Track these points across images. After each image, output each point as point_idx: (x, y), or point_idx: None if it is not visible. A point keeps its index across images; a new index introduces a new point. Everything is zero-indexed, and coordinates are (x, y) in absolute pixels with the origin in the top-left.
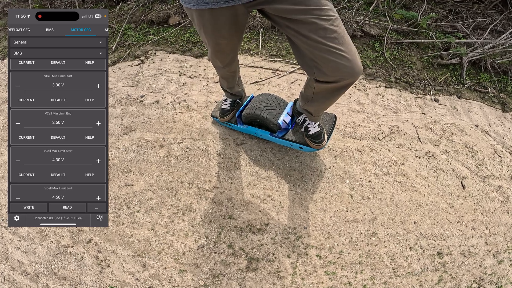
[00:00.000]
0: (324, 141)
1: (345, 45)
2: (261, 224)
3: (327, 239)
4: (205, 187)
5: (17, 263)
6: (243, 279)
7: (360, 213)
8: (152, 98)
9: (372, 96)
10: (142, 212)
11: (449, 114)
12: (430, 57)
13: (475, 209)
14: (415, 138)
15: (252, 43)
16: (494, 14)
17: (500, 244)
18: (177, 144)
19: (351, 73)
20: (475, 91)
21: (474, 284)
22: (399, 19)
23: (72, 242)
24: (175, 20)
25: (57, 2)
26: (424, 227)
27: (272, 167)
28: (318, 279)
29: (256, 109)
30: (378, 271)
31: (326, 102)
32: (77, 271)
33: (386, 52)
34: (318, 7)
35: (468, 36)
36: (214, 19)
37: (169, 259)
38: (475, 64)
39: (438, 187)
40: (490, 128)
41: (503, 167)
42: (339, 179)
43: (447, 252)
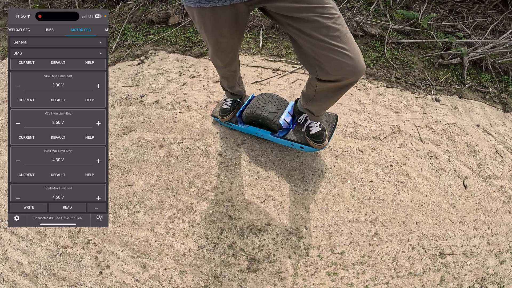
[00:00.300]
0: (326, 141)
1: (348, 44)
2: (262, 225)
3: (329, 239)
4: (206, 187)
5: (16, 264)
6: (244, 280)
7: (361, 213)
8: (152, 98)
9: (373, 96)
10: (142, 213)
11: (450, 114)
12: (431, 57)
13: (477, 209)
14: (416, 138)
15: (252, 42)
16: (494, 14)
17: (502, 244)
18: (177, 144)
19: (354, 71)
20: (476, 91)
21: (476, 284)
22: (399, 19)
23: (72, 242)
24: (175, 20)
25: (57, 2)
26: (426, 227)
27: (273, 167)
28: (319, 280)
29: (257, 109)
30: (380, 271)
31: (328, 101)
32: (76, 271)
33: (387, 52)
34: (321, 5)
35: (469, 36)
36: (215, 17)
37: (169, 260)
38: (476, 64)
39: (440, 187)
40: (491, 128)
41: (505, 167)
42: (340, 179)
43: (449, 252)
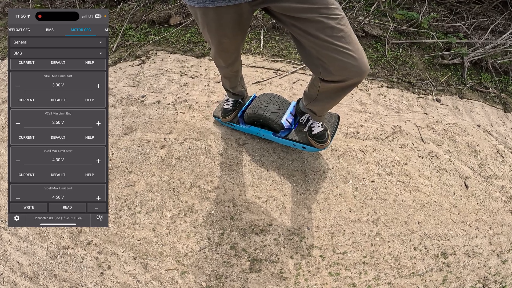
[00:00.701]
0: (328, 141)
1: (352, 44)
2: (264, 225)
3: (331, 239)
4: (207, 187)
5: (16, 265)
6: (246, 280)
7: (363, 213)
8: (153, 98)
9: (374, 96)
10: (143, 213)
11: (451, 114)
12: (431, 57)
13: (478, 209)
14: (417, 138)
15: (253, 43)
16: (494, 14)
17: (504, 244)
18: (179, 145)
19: (358, 72)
20: (477, 91)
21: (478, 284)
22: (400, 20)
23: (72, 243)
24: (176, 20)
25: (58, 2)
26: (428, 227)
27: (274, 168)
28: (322, 280)
29: (259, 109)
30: (383, 271)
31: (331, 101)
32: (77, 272)
33: (388, 52)
34: (325, 6)
35: (469, 36)
36: (219, 17)
37: (171, 261)
38: (476, 64)
39: (441, 187)
40: (492, 128)
41: (506, 167)
42: (342, 179)
43: (451, 252)
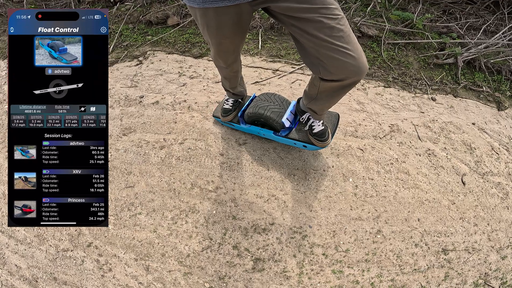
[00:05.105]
0: (329, 139)
1: (351, 44)
2: (266, 224)
3: (333, 237)
4: (208, 187)
5: (14, 268)
6: (249, 280)
7: (364, 211)
8: (152, 99)
9: (372, 95)
10: (144, 214)
11: (446, 113)
12: (426, 57)
13: (476, 206)
14: (414, 136)
15: (251, 43)
16: (486, 14)
17: (502, 240)
18: (178, 145)
19: (357, 71)
20: (471, 90)
21: (480, 280)
22: (395, 20)
23: (72, 245)
24: (173, 20)
25: (53, 3)
26: (427, 224)
27: (275, 167)
28: (325, 278)
29: (260, 108)
30: (385, 268)
31: (331, 100)
32: (77, 275)
33: (384, 52)
34: (325, 6)
35: (462, 36)
36: (218, 18)
37: (173, 262)
38: (470, 63)
39: (439, 184)
40: (486, 126)
41: (501, 163)
42: (342, 178)
43: (451, 249)
